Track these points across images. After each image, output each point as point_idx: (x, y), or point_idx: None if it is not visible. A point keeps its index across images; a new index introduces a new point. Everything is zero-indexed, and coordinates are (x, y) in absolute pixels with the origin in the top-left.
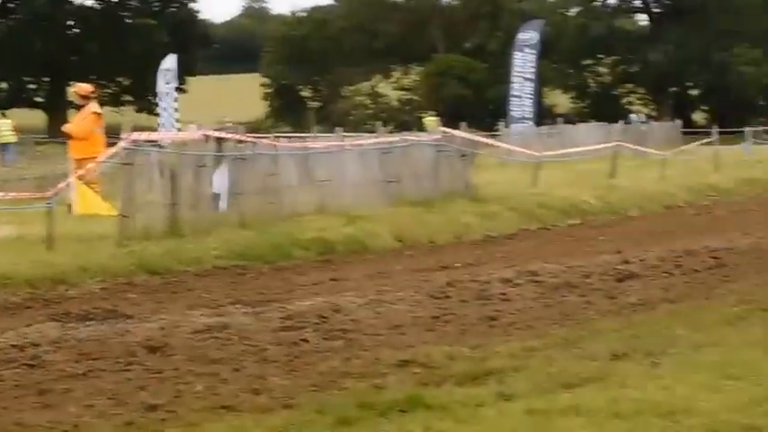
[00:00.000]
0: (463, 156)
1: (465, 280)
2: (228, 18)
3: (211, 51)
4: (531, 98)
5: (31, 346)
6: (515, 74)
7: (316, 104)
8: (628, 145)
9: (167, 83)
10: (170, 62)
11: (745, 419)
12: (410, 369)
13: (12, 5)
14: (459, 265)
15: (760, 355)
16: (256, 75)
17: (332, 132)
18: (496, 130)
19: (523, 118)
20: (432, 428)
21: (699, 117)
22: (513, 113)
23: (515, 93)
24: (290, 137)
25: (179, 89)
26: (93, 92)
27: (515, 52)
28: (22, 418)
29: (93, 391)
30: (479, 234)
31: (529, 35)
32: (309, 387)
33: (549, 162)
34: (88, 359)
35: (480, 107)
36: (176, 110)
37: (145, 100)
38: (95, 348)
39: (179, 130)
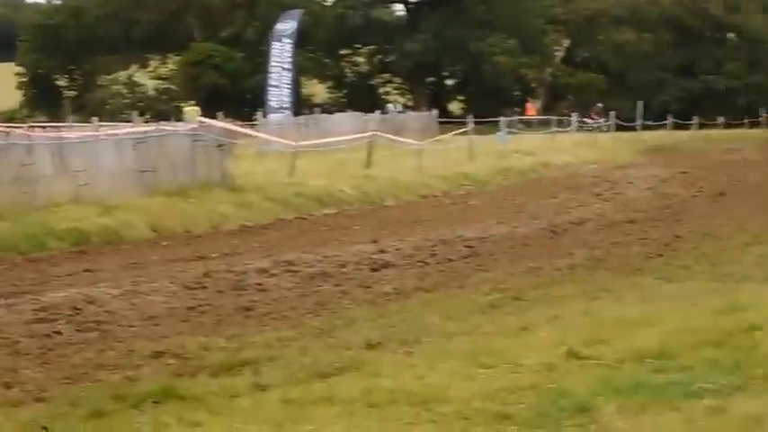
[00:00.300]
0: (220, 145)
1: (221, 270)
2: None
3: None
4: (288, 88)
5: None
6: (273, 63)
7: (72, 94)
8: (384, 135)
9: None
10: None
11: (497, 407)
12: (164, 360)
13: None
14: (215, 255)
15: (512, 344)
16: (11, 64)
17: (88, 122)
18: (254, 120)
19: (281, 108)
20: (185, 419)
21: (455, 107)
22: (270, 103)
23: (273, 82)
24: (45, 126)
25: None
26: None
27: (273, 42)
28: None
29: None
30: (236, 224)
31: (286, 25)
32: (63, 380)
33: (307, 152)
34: None
35: (238, 97)
36: None
37: None
38: None
39: None
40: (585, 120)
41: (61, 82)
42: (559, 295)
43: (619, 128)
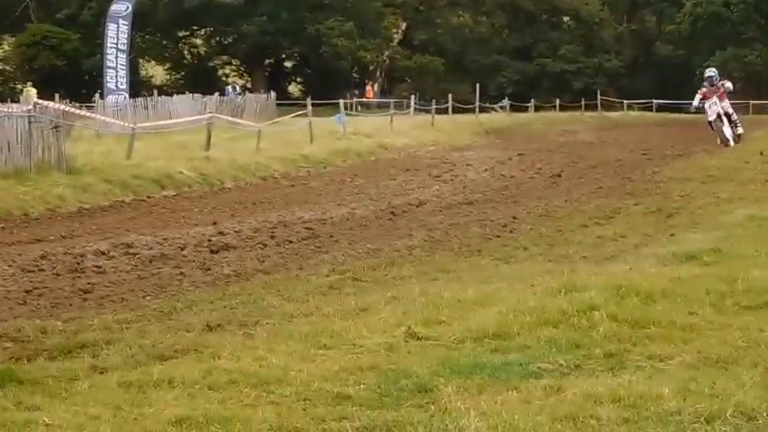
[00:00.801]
0: (57, 127)
1: (59, 253)
2: None
3: None
4: (125, 69)
5: None
6: (109, 45)
7: None
8: (223, 117)
9: None
10: None
11: (336, 388)
12: (1, 344)
13: None
14: (53, 237)
15: (352, 325)
16: None
17: None
18: (92, 102)
19: (118, 89)
20: (24, 403)
21: (294, 89)
22: (108, 85)
23: (110, 64)
24: None
25: None
26: None
27: (109, 23)
28: None
29: None
30: (74, 206)
31: (122, 6)
32: None
33: (145, 134)
34: None
35: (75, 78)
36: None
37: None
38: None
39: None
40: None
41: None
42: (398, 276)
43: (456, 110)
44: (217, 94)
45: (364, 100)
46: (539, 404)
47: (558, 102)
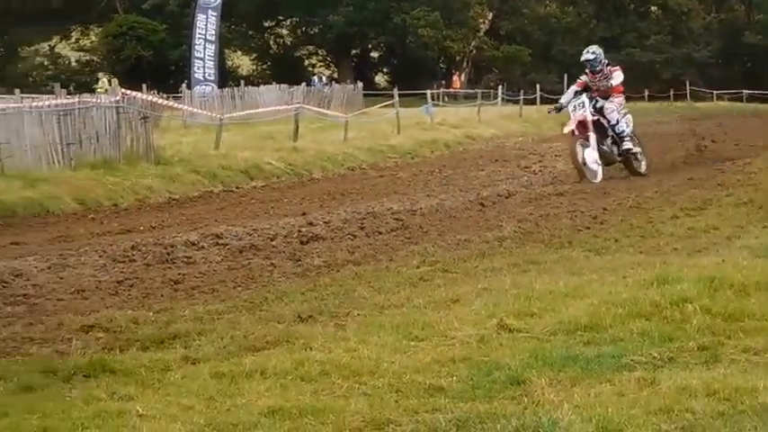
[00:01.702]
0: (145, 118)
1: (149, 243)
2: None
3: None
4: (212, 60)
5: None
6: (198, 35)
7: None
8: (310, 107)
9: None
10: None
11: (428, 379)
12: (94, 334)
13: None
14: (142, 228)
15: (443, 316)
16: None
17: (10, 94)
18: (179, 93)
19: (206, 80)
20: (117, 393)
21: (380, 79)
22: (195, 75)
23: (198, 55)
24: None
25: None
26: None
27: (198, 14)
28: None
29: None
30: (163, 197)
31: None
32: None
33: (232, 124)
34: None
35: (162, 69)
36: None
37: None
38: None
39: None
40: None
41: None
42: (489, 268)
43: (544, 101)
44: (303, 84)
45: (451, 90)
46: (632, 397)
47: (646, 92)
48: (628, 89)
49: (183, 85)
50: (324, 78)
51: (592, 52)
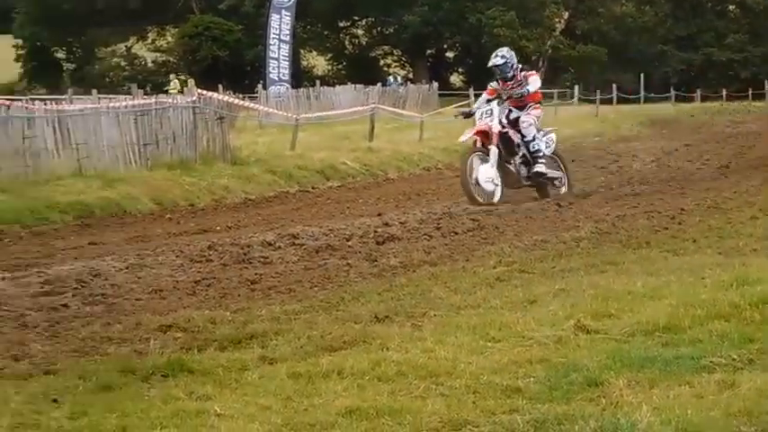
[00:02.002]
0: (221, 118)
1: (226, 243)
2: None
3: None
4: (287, 60)
5: None
6: (272, 36)
7: (71, 66)
8: (385, 107)
9: None
10: None
11: (506, 380)
12: (172, 334)
13: None
14: (219, 228)
15: (520, 317)
16: (9, 36)
17: (88, 95)
18: (255, 93)
19: (280, 80)
20: (195, 393)
21: (456, 79)
22: (270, 75)
23: (272, 55)
24: (45, 99)
25: None
26: None
27: (272, 14)
28: None
29: None
30: (239, 197)
31: None
32: (71, 353)
33: (308, 124)
34: None
35: (238, 69)
36: None
37: None
38: None
39: None
40: None
41: (60, 54)
42: (566, 268)
43: (620, 100)
44: (378, 84)
45: None
46: (712, 399)
47: (724, 92)
48: (706, 88)
49: (259, 86)
50: (399, 78)
51: (501, 56)
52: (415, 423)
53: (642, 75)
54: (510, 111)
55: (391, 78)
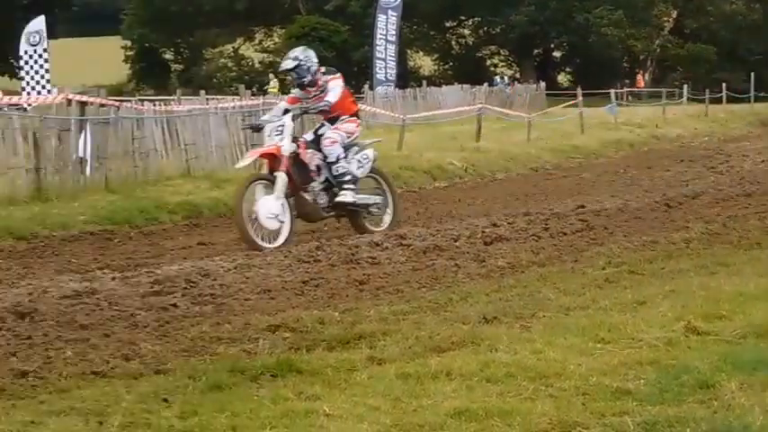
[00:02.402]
0: None
1: (333, 244)
2: None
3: (70, 14)
4: (394, 60)
5: None
6: (379, 36)
7: (178, 67)
8: (493, 107)
9: (33, 45)
10: (37, 24)
11: (615, 382)
12: (281, 334)
13: None
14: (326, 228)
15: (630, 319)
16: (117, 38)
17: (195, 95)
18: (361, 93)
19: (387, 80)
20: (304, 393)
21: (563, 79)
22: (377, 76)
23: (379, 55)
24: (153, 100)
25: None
26: None
27: (378, 15)
28: None
29: None
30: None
31: None
32: (181, 352)
33: (414, 125)
34: None
35: (345, 70)
36: (47, 71)
37: (7, 63)
38: None
39: (48, 92)
40: None
41: (168, 55)
42: (676, 269)
43: (730, 100)
44: (486, 84)
45: (635, 89)
46: None
47: None
48: None
49: (365, 86)
50: (506, 78)
51: (292, 58)
52: (524, 424)
53: (752, 74)
54: (323, 125)
55: (498, 78)
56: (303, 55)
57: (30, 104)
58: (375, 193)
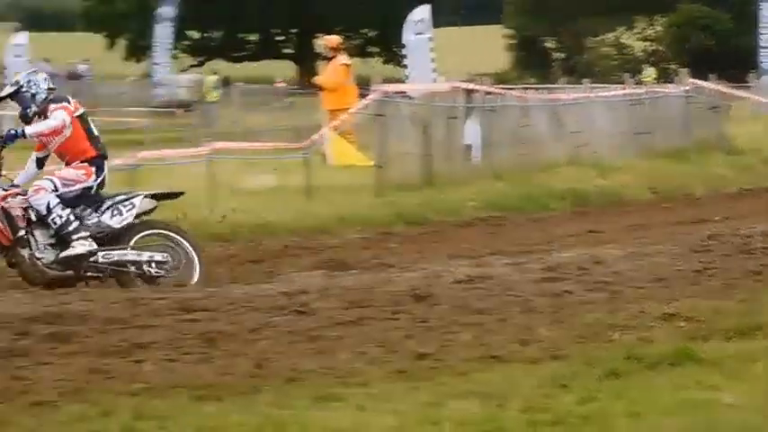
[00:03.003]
0: (714, 107)
1: (725, 234)
2: None
3: (452, 3)
4: None
5: (299, 294)
6: (763, 25)
7: (560, 56)
8: None
9: (418, 33)
10: (422, 13)
11: None
12: (676, 322)
13: None
14: (717, 218)
15: None
16: (498, 26)
17: (578, 84)
18: (746, 82)
19: None
20: (703, 383)
21: None
22: (763, 65)
23: (763, 44)
24: (537, 88)
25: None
26: (341, 44)
27: (761, 2)
28: (297, 363)
29: (362, 338)
30: (735, 187)
31: None
32: (576, 338)
33: None
34: (355, 307)
35: (725, 58)
36: (433, 60)
37: (390, 51)
38: (361, 297)
39: (434, 81)
40: None
41: (548, 44)
42: None
43: None
44: None
45: None
46: None
47: None
48: None
49: (751, 74)
50: None
51: (13, 84)
52: None
53: None
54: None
55: None
56: (25, 80)
57: (413, 93)
58: (160, 250)
